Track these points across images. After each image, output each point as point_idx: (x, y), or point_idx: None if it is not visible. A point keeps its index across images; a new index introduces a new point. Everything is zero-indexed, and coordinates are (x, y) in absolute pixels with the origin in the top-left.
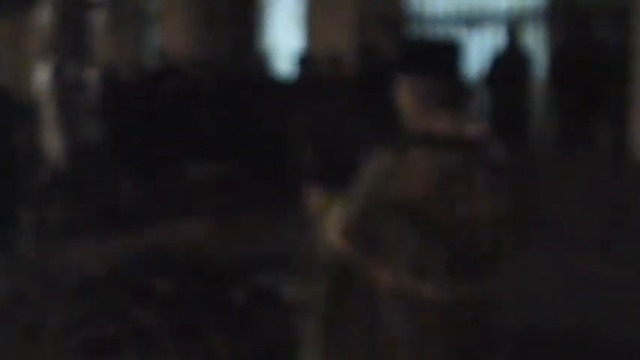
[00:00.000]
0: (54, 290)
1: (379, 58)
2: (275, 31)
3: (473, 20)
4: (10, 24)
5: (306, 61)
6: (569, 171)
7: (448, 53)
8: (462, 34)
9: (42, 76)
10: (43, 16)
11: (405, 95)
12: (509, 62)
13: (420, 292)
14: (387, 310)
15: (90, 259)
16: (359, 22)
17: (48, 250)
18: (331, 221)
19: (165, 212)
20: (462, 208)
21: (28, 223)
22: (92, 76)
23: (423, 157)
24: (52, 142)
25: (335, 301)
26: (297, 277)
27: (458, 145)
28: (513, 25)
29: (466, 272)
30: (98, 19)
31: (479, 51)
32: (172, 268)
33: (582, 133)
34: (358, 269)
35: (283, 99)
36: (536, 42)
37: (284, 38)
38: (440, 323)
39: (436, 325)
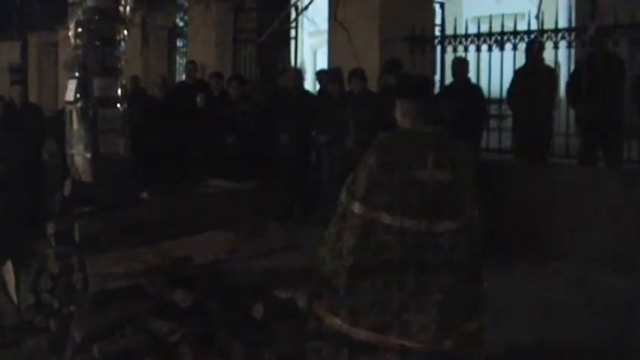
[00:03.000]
0: (76, 302)
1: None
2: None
3: (497, 39)
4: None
5: (334, 77)
6: (592, 185)
7: (422, 85)
8: (486, 53)
9: (70, 91)
10: (72, 32)
11: (398, 111)
12: (532, 79)
13: None
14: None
15: (112, 271)
16: (385, 40)
17: (71, 262)
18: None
19: (187, 226)
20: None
21: (54, 236)
22: (120, 91)
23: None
24: (79, 157)
25: None
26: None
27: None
28: (536, 43)
29: None
30: (126, 35)
31: (502, 69)
32: (192, 280)
33: (603, 148)
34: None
35: (313, 114)
36: (558, 59)
37: (311, 55)
38: None
39: None
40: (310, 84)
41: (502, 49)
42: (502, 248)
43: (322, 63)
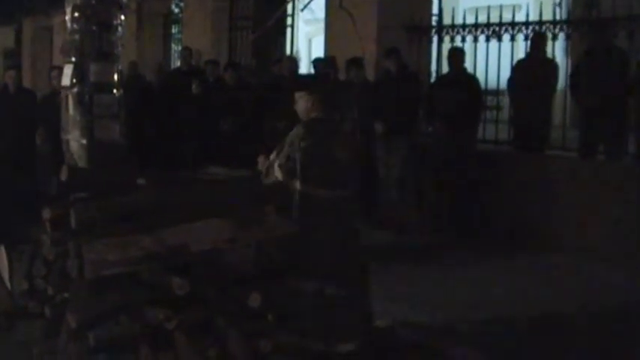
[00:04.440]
0: (71, 288)
1: (402, 63)
2: (298, 36)
3: (494, 29)
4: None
5: (329, 65)
6: (590, 178)
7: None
8: (483, 43)
9: (66, 76)
10: (69, 17)
11: (302, 101)
12: (532, 71)
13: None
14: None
15: (108, 258)
16: (383, 30)
17: (66, 248)
18: (276, 168)
19: (185, 213)
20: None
21: (49, 222)
22: (116, 77)
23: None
24: (74, 142)
25: None
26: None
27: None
28: (535, 34)
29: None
30: (123, 20)
31: (499, 60)
32: (189, 268)
33: (604, 141)
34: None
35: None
36: (558, 50)
37: (306, 43)
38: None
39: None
40: (305, 72)
41: (500, 39)
42: (499, 239)
43: (317, 51)
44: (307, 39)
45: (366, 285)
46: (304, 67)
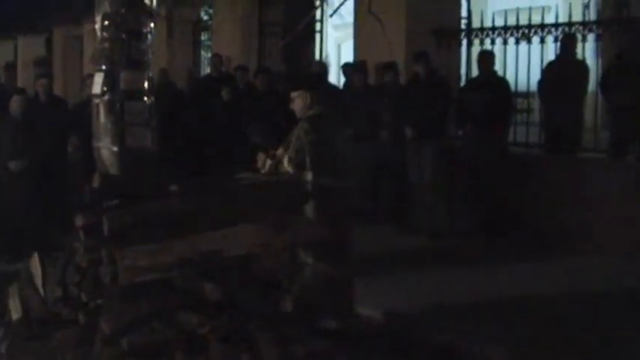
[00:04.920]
0: (105, 295)
1: (431, 67)
2: (328, 41)
3: (524, 32)
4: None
5: (359, 69)
6: (621, 179)
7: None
8: (513, 46)
9: (97, 84)
10: (99, 25)
11: (300, 100)
12: (562, 73)
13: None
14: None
15: (141, 264)
16: (412, 34)
17: (99, 255)
18: (286, 162)
19: (217, 219)
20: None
21: (82, 230)
22: (147, 84)
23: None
24: (105, 150)
25: None
26: None
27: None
28: (565, 35)
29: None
30: (153, 28)
31: (529, 62)
32: (222, 273)
33: (635, 142)
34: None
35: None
36: (588, 51)
37: (335, 49)
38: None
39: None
40: (334, 78)
41: (529, 42)
42: (530, 242)
43: (346, 56)
44: (336, 44)
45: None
46: (334, 73)
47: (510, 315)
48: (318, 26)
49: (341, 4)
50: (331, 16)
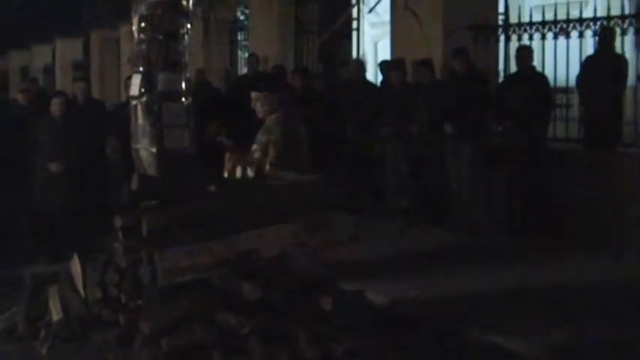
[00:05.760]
0: (144, 295)
1: (469, 63)
2: (364, 39)
3: (562, 26)
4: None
5: (397, 67)
6: None
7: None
8: (551, 41)
9: (134, 86)
10: (136, 27)
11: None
12: (601, 67)
13: None
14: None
15: (180, 265)
16: (449, 30)
17: (139, 256)
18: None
19: (255, 219)
20: None
21: (121, 231)
22: (184, 85)
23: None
24: (144, 151)
25: None
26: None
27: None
28: (603, 29)
29: None
30: (190, 29)
31: (568, 57)
32: (259, 273)
33: None
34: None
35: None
36: (627, 45)
37: (372, 47)
38: None
39: None
40: (372, 75)
41: (568, 36)
42: (570, 238)
43: (383, 54)
44: (373, 42)
45: None
46: (371, 70)
47: (546, 311)
48: (354, 24)
49: (379, 1)
50: (370, 12)
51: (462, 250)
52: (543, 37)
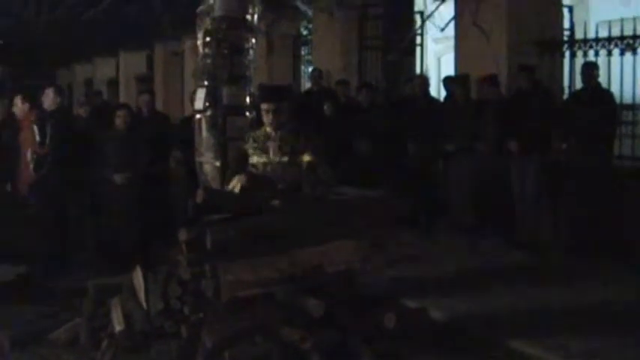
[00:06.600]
0: (207, 308)
1: (535, 79)
2: (428, 55)
3: (629, 42)
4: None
5: (461, 83)
6: None
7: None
8: (617, 57)
9: (199, 100)
10: (201, 41)
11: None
12: None
13: None
14: None
15: (243, 278)
16: (514, 46)
17: (202, 269)
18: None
19: (319, 234)
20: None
21: (185, 244)
22: (248, 99)
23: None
24: (208, 165)
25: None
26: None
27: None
28: None
29: None
30: (254, 43)
31: (634, 74)
32: (323, 288)
33: None
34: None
35: (439, 122)
36: None
37: (435, 62)
38: None
39: None
40: (435, 91)
41: (635, 53)
42: (636, 259)
43: (446, 70)
44: (436, 57)
45: None
46: (434, 86)
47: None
48: (418, 40)
49: (451, 20)
50: (442, 30)
51: (528, 268)
52: (609, 54)
